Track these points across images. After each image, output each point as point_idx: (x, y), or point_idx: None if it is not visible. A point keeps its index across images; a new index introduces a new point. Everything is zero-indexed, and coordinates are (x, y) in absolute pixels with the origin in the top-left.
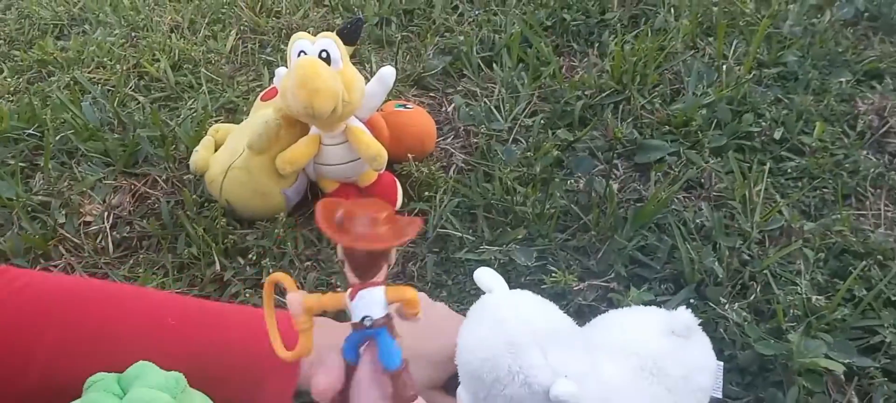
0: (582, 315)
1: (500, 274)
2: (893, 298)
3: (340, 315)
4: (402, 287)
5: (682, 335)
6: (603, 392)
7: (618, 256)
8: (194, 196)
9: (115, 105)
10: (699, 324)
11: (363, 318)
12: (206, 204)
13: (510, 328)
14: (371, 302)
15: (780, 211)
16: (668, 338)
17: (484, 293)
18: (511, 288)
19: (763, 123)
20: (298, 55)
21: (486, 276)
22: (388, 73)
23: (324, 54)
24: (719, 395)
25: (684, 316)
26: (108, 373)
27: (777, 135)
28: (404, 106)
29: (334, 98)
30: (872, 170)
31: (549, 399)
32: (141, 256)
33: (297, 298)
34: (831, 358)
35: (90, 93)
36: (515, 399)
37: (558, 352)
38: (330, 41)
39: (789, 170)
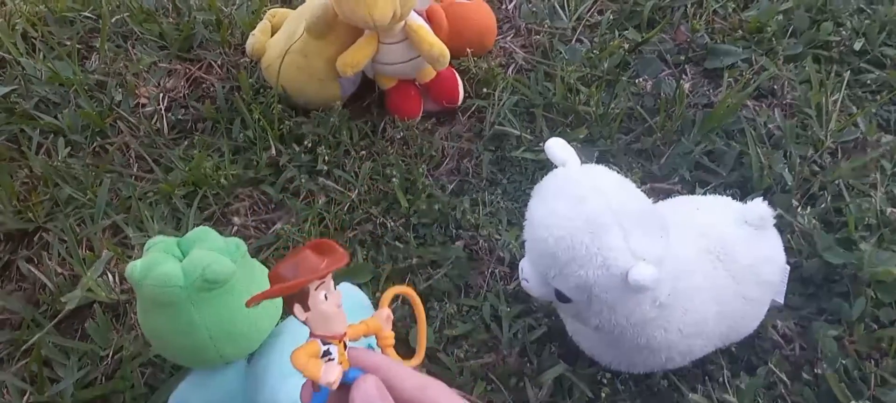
0: None
1: None
2: None
3: None
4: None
5: (755, 225)
6: (674, 271)
7: (683, 160)
8: (250, 80)
9: None
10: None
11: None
12: (261, 91)
13: (590, 207)
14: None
15: (855, 123)
16: (741, 227)
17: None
18: None
19: (843, 32)
20: None
21: (558, 148)
22: None
23: None
24: (781, 301)
25: (760, 206)
26: (168, 237)
27: (857, 46)
28: None
29: (392, 4)
30: None
31: (626, 281)
32: (196, 138)
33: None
34: None
35: None
36: (590, 280)
37: (638, 234)
38: None
39: (868, 82)
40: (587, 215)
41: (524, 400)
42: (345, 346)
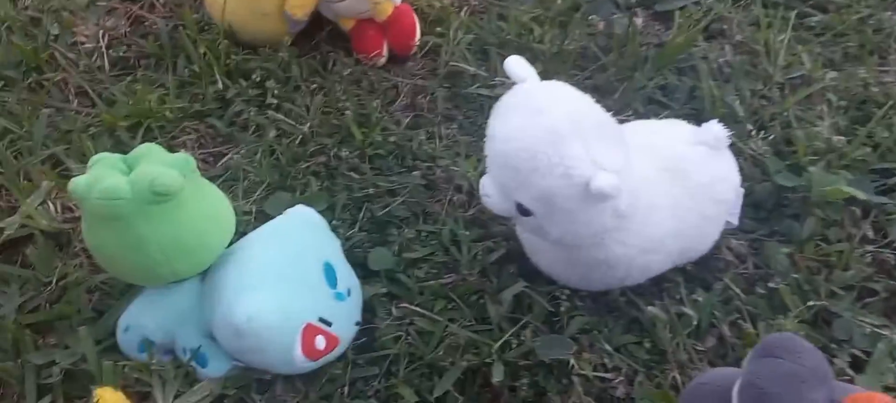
0: None
1: None
2: None
3: None
4: None
5: (710, 145)
6: (633, 187)
7: (636, 95)
8: (195, 15)
9: None
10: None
11: None
12: (206, 28)
13: (550, 118)
14: None
15: (801, 62)
16: (696, 147)
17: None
18: None
19: None
20: None
21: (517, 66)
22: None
23: None
24: (736, 222)
25: (715, 127)
26: (112, 153)
27: None
28: None
29: None
30: None
31: (587, 191)
32: (139, 74)
33: None
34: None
35: None
36: (551, 190)
37: (598, 145)
38: None
39: (813, 25)
40: (548, 126)
41: (485, 317)
42: None
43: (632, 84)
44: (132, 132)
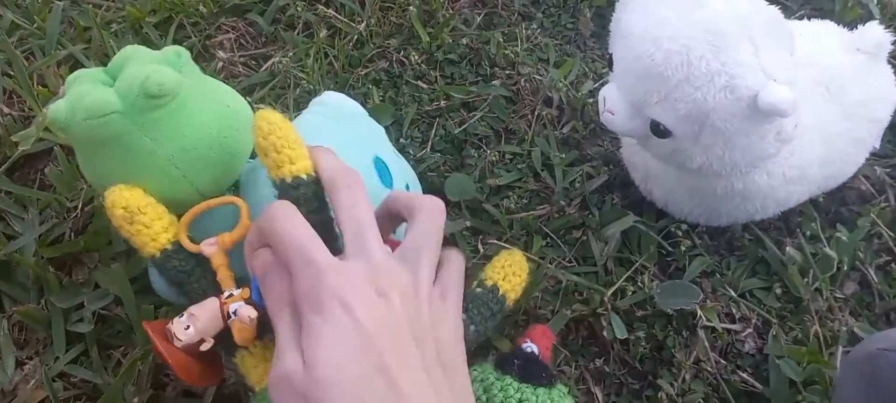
0: None
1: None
2: None
3: None
4: None
5: (869, 52)
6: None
7: None
8: None
9: None
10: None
11: None
12: None
13: (711, 13)
14: None
15: None
16: (852, 56)
17: None
18: None
19: None
20: None
21: None
22: None
23: None
24: (878, 145)
25: (876, 31)
26: (90, 68)
27: None
28: None
29: None
30: None
31: (754, 107)
32: None
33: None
34: None
35: None
36: (708, 105)
37: (770, 49)
38: None
39: None
40: (707, 23)
41: (587, 256)
42: (229, 297)
43: None
44: (161, 30)
